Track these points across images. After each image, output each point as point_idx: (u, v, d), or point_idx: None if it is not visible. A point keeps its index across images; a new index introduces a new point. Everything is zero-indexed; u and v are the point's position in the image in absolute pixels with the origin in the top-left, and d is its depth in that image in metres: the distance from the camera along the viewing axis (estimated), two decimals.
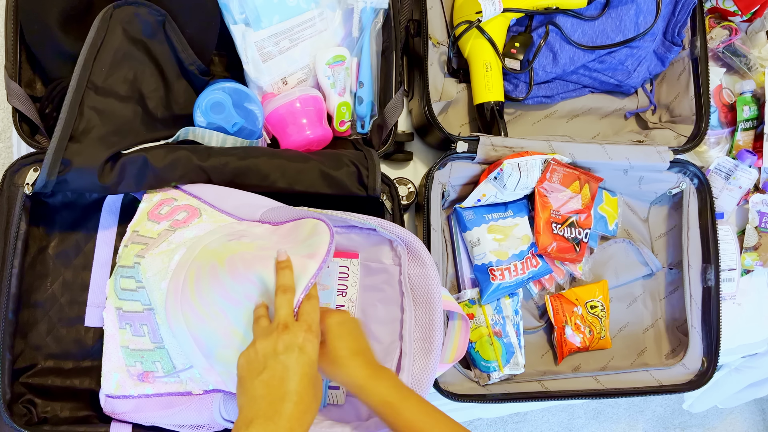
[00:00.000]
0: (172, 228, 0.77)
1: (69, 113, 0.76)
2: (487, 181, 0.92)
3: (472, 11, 0.96)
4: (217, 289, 0.68)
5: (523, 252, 0.96)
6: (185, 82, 0.86)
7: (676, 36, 1.06)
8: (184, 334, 0.70)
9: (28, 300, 0.83)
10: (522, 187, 0.93)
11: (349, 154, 0.86)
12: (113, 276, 0.77)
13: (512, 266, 0.95)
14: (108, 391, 0.76)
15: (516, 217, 0.97)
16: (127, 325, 0.75)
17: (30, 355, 0.82)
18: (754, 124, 1.16)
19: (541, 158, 0.93)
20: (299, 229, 0.74)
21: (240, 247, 0.70)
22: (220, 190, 0.81)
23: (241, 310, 0.68)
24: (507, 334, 0.94)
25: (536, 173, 0.93)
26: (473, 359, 0.95)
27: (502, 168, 0.90)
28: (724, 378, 1.37)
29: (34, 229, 0.84)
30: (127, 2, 0.79)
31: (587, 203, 0.99)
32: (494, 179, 0.92)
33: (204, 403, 0.74)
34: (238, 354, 0.63)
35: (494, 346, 0.93)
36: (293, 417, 0.56)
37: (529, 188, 0.96)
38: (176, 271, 0.71)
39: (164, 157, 0.79)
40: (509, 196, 0.96)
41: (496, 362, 0.93)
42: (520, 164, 0.91)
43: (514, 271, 0.94)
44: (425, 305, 0.73)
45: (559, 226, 0.97)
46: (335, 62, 0.90)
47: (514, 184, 0.91)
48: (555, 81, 1.06)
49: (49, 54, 0.81)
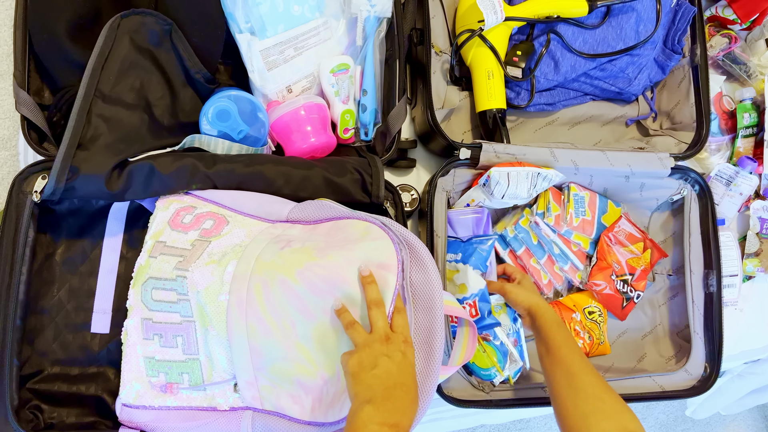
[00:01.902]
0: (205, 238, 0.78)
1: (77, 121, 0.77)
2: (476, 187, 0.93)
3: (475, 20, 0.97)
4: (293, 302, 0.71)
5: (459, 301, 0.91)
6: (191, 90, 0.87)
7: (676, 44, 1.07)
8: (242, 345, 0.72)
9: (35, 306, 0.83)
10: (510, 197, 0.94)
11: (352, 161, 0.87)
12: (139, 287, 0.77)
13: None
14: (126, 401, 0.76)
15: (459, 264, 0.94)
16: (156, 336, 0.76)
17: (37, 361, 0.82)
18: (755, 131, 1.17)
19: (534, 171, 0.93)
20: (346, 230, 0.75)
21: (301, 257, 0.72)
22: (232, 193, 0.82)
23: (312, 324, 0.71)
24: (496, 336, 0.94)
25: (526, 184, 0.94)
26: (473, 371, 0.95)
27: (489, 175, 0.91)
28: (726, 384, 1.37)
29: (41, 236, 0.85)
30: (134, 12, 0.81)
31: (646, 267, 1.03)
32: (483, 185, 0.93)
33: (231, 419, 0.75)
34: (297, 367, 0.71)
35: (487, 352, 0.93)
36: (405, 401, 0.63)
37: (518, 198, 0.96)
38: (234, 285, 0.73)
39: (171, 165, 0.80)
40: (497, 204, 0.97)
41: (494, 368, 0.93)
42: (509, 173, 0.92)
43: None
44: (426, 310, 0.73)
45: (615, 277, 1.00)
46: (339, 70, 0.91)
47: (501, 192, 0.93)
48: (556, 89, 1.07)
49: (57, 63, 0.82)
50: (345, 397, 0.70)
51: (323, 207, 0.79)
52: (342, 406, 0.71)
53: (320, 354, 0.72)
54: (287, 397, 0.74)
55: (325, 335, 0.71)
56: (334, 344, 0.71)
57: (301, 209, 0.80)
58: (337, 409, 0.71)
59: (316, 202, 0.80)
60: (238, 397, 0.76)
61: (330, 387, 0.72)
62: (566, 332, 0.82)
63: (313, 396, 0.73)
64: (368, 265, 0.70)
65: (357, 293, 0.70)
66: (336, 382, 0.72)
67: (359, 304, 0.70)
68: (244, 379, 0.74)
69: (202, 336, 0.75)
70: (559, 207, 1.02)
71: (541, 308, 0.85)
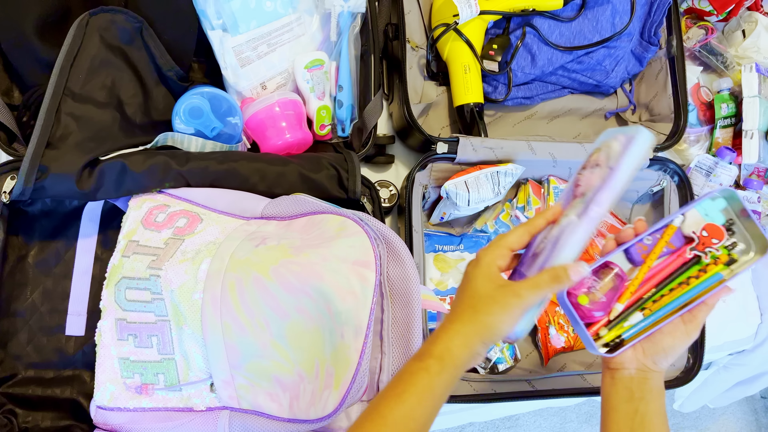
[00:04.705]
0: (178, 236, 0.77)
1: (46, 120, 0.76)
2: (443, 201, 0.93)
3: (450, 14, 0.97)
4: (267, 301, 0.69)
5: None
6: (164, 88, 0.86)
7: (653, 36, 1.07)
8: (218, 344, 0.71)
9: (7, 309, 0.82)
10: (476, 201, 0.94)
11: (328, 156, 0.87)
12: (113, 287, 0.75)
13: (448, 298, 0.96)
14: (101, 403, 0.75)
15: (465, 252, 0.98)
16: (131, 336, 0.75)
17: (10, 365, 0.81)
18: (733, 122, 1.17)
19: (491, 170, 0.93)
20: (322, 226, 0.75)
21: (276, 254, 0.71)
22: (206, 191, 0.81)
23: (286, 323, 0.69)
24: None
25: (488, 186, 0.94)
26: None
27: (446, 190, 0.93)
28: (712, 377, 1.37)
29: (12, 238, 0.83)
30: (103, 9, 0.80)
31: None
32: (446, 199, 0.93)
33: (208, 419, 0.73)
34: (273, 365, 0.69)
35: None
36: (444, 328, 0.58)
37: (486, 201, 0.96)
38: (209, 282, 0.72)
39: (143, 163, 0.79)
40: (467, 212, 0.98)
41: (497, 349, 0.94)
42: (467, 181, 0.92)
43: (448, 304, 0.94)
44: (403, 304, 0.73)
45: None
46: (314, 66, 0.90)
47: (465, 200, 0.93)
48: (534, 82, 1.07)
49: (25, 62, 0.81)
50: (326, 395, 0.70)
51: (298, 202, 0.78)
52: (325, 405, 0.70)
53: (296, 352, 0.71)
54: (265, 395, 0.73)
55: (300, 334, 0.70)
56: (309, 343, 0.71)
57: (275, 205, 0.79)
58: (320, 407, 0.70)
59: (291, 197, 0.79)
60: (214, 397, 0.75)
61: (307, 384, 0.71)
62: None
63: (291, 393, 0.72)
64: (345, 263, 0.69)
65: (331, 291, 0.69)
66: (314, 379, 0.71)
67: (332, 302, 0.69)
68: (221, 378, 0.73)
69: (177, 335, 0.74)
70: (539, 200, 1.02)
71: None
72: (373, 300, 0.68)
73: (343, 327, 0.68)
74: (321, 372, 0.70)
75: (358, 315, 0.68)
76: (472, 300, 0.59)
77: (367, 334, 0.68)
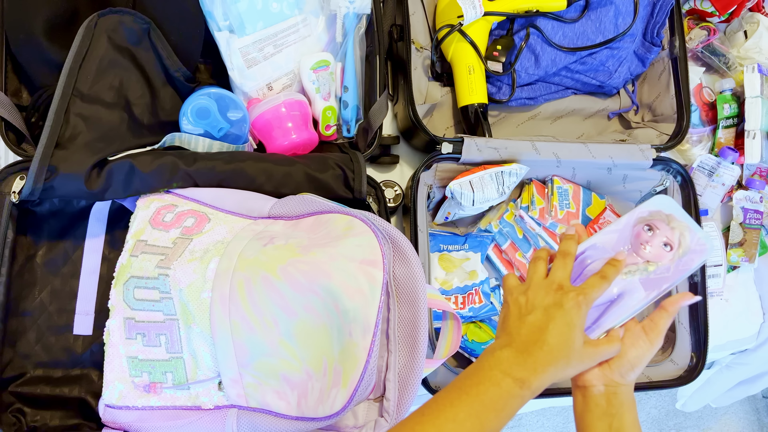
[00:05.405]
0: (186, 236, 0.77)
1: (55, 120, 0.76)
2: (448, 200, 0.94)
3: (454, 15, 0.97)
4: (275, 300, 0.70)
5: (467, 287, 0.96)
6: (171, 89, 0.86)
7: (655, 36, 1.08)
8: (226, 342, 0.71)
9: (16, 309, 0.83)
10: (481, 201, 0.95)
11: (334, 157, 0.87)
12: (121, 286, 0.76)
13: (453, 298, 0.96)
14: (109, 401, 0.76)
15: (469, 252, 0.98)
16: (139, 336, 0.75)
17: (19, 364, 0.82)
18: (735, 122, 1.18)
19: (496, 170, 0.94)
20: (329, 225, 0.75)
21: (284, 253, 0.71)
22: (214, 191, 0.82)
23: (294, 321, 0.70)
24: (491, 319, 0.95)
25: (493, 186, 0.94)
26: (471, 351, 0.95)
27: (451, 190, 0.93)
28: (715, 376, 1.37)
29: (21, 237, 0.84)
30: (111, 11, 0.80)
31: None
32: (451, 199, 0.94)
33: (216, 418, 0.74)
34: (282, 363, 0.69)
35: (483, 328, 0.94)
36: (539, 361, 0.59)
37: (490, 200, 0.97)
38: (217, 282, 0.72)
39: (151, 163, 0.79)
40: (471, 211, 0.98)
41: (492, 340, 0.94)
42: (471, 181, 0.93)
43: (453, 303, 0.95)
44: (410, 303, 0.73)
45: None
46: (319, 67, 0.91)
47: (470, 200, 0.94)
48: (538, 83, 1.08)
49: (34, 63, 0.82)
50: (334, 393, 0.70)
51: (305, 201, 0.79)
52: (333, 403, 0.70)
53: (304, 350, 0.71)
54: (272, 393, 0.73)
55: (309, 332, 0.71)
56: (317, 341, 0.71)
57: (282, 204, 0.80)
58: (328, 405, 0.71)
59: (298, 196, 0.80)
60: (222, 396, 0.76)
61: (315, 382, 0.72)
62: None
63: (299, 391, 0.72)
64: (353, 262, 0.70)
65: (339, 290, 0.69)
66: (322, 378, 0.71)
67: (340, 301, 0.70)
68: (229, 376, 0.73)
69: (186, 334, 0.75)
70: (543, 200, 1.02)
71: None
72: (381, 298, 0.69)
73: (351, 325, 0.69)
74: (329, 370, 0.70)
75: (366, 313, 0.68)
76: (568, 350, 0.60)
77: (375, 332, 0.68)
